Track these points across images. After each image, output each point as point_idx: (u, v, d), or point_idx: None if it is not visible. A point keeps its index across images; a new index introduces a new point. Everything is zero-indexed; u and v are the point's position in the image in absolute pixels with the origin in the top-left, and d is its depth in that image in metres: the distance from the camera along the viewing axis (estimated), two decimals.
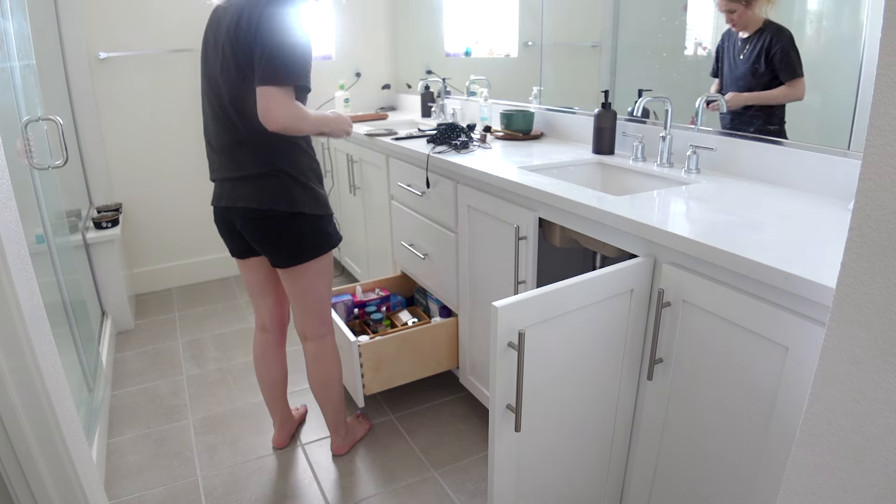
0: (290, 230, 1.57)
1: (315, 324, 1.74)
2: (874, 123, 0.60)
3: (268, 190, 1.53)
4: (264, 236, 1.58)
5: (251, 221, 1.57)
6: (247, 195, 1.54)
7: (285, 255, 1.61)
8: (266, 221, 1.56)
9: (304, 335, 1.76)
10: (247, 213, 1.56)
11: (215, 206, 1.65)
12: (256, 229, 1.58)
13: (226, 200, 1.59)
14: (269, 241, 1.59)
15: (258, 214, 1.55)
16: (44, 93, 2.13)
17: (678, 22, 1.77)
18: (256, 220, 1.56)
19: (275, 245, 1.60)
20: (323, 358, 1.77)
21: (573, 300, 1.15)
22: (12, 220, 1.16)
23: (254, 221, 1.57)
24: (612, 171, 1.86)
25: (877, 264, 0.62)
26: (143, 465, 1.90)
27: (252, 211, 1.55)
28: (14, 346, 1.13)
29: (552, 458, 1.27)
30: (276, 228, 1.56)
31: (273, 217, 1.55)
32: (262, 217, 1.55)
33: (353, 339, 1.93)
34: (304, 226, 1.58)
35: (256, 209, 1.54)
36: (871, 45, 1.29)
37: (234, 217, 1.60)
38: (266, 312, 1.82)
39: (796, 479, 0.75)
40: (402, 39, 3.51)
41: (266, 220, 1.55)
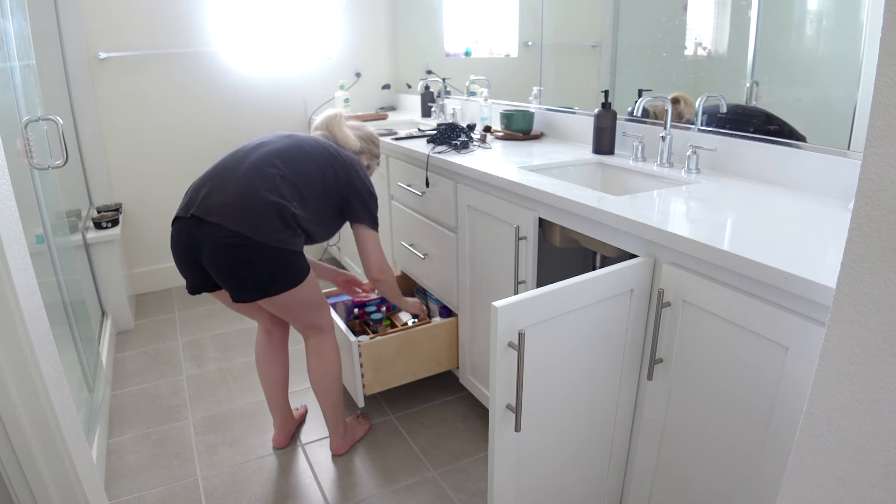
0: (261, 262, 1.49)
1: (312, 323, 1.75)
2: (874, 123, 0.60)
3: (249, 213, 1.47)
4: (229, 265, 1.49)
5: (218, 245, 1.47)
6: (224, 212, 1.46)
7: (251, 289, 1.53)
8: (234, 249, 1.46)
9: (305, 334, 1.78)
10: (220, 234, 1.46)
11: (177, 218, 1.53)
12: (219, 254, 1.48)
13: (196, 209, 1.48)
14: (235, 272, 1.50)
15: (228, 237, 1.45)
16: (44, 93, 2.13)
17: (678, 22, 1.77)
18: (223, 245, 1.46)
19: (239, 278, 1.51)
20: (323, 351, 1.78)
21: (573, 300, 1.15)
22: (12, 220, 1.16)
23: (220, 246, 1.47)
24: (612, 171, 1.86)
25: (877, 264, 0.62)
26: (143, 465, 1.90)
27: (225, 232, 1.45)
28: (14, 345, 1.13)
29: (552, 458, 1.27)
30: (245, 258, 1.48)
31: (242, 245, 1.46)
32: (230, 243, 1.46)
33: (353, 339, 1.93)
34: (276, 261, 1.51)
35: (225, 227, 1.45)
36: (871, 45, 1.29)
37: (200, 237, 1.49)
38: (265, 320, 1.83)
39: (796, 479, 0.75)
40: (402, 39, 3.51)
41: (234, 247, 1.46)
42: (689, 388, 1.19)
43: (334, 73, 3.46)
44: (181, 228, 1.53)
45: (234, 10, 3.07)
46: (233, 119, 3.25)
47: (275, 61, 3.29)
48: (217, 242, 1.47)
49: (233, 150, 1.66)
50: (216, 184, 1.53)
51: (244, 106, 3.26)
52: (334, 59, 3.46)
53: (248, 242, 1.47)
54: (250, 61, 3.22)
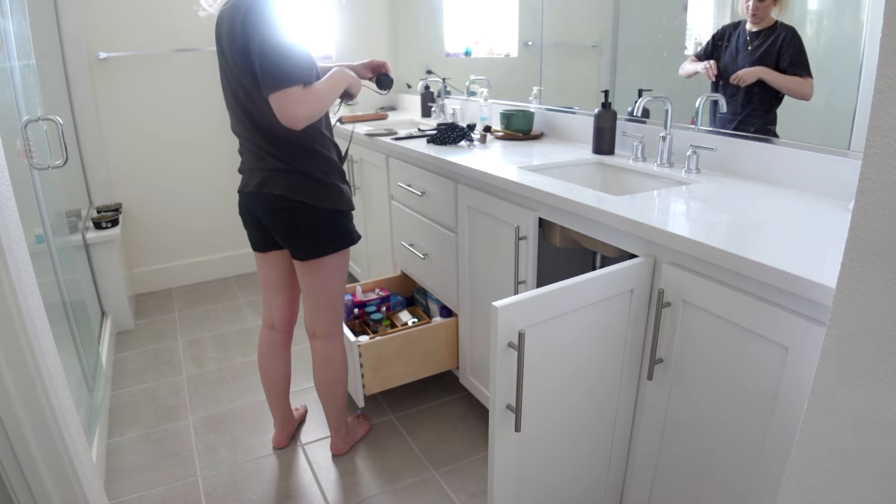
0: (311, 223, 1.58)
1: (326, 322, 1.74)
2: (874, 123, 0.60)
3: (293, 182, 1.54)
4: (286, 227, 1.59)
5: (275, 211, 1.57)
6: (271, 182, 1.55)
7: (305, 248, 1.62)
8: (289, 212, 1.56)
9: (314, 333, 1.76)
10: (270, 201, 1.56)
11: (240, 193, 1.65)
12: (279, 218, 1.58)
13: (251, 187, 1.59)
14: (291, 231, 1.60)
15: (282, 203, 1.55)
16: (44, 93, 2.13)
17: (678, 22, 1.77)
18: (279, 210, 1.57)
19: (295, 236, 1.60)
20: (331, 358, 1.77)
21: (573, 300, 1.15)
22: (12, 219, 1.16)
23: (277, 211, 1.57)
24: (612, 171, 1.86)
25: (877, 264, 0.62)
26: (142, 465, 1.89)
27: (276, 199, 1.55)
28: (14, 345, 1.13)
29: (552, 458, 1.27)
30: (297, 220, 1.57)
31: (295, 208, 1.56)
32: (285, 206, 1.56)
33: (354, 339, 1.93)
34: (325, 220, 1.59)
35: (281, 196, 1.54)
36: (872, 44, 1.29)
37: (257, 205, 1.60)
38: (276, 310, 1.82)
39: (796, 479, 0.75)
40: (402, 39, 3.51)
41: (289, 211, 1.56)
42: (689, 389, 1.19)
43: None
44: (243, 198, 1.66)
45: None
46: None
47: None
48: (269, 208, 1.58)
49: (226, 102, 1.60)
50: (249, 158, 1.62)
51: None
52: (334, 58, 3.45)
53: (295, 205, 1.55)
54: None
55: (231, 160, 3.28)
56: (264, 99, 1.41)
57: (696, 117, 1.71)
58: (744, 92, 1.60)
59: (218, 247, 3.41)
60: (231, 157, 3.27)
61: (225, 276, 3.47)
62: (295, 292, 1.82)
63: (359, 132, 2.61)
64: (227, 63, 1.50)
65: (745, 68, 1.59)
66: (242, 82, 1.47)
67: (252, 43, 1.36)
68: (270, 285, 1.79)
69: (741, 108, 1.62)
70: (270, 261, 1.75)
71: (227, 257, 3.44)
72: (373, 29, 3.50)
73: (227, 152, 3.26)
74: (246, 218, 1.69)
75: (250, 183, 1.60)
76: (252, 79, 1.43)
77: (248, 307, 3.05)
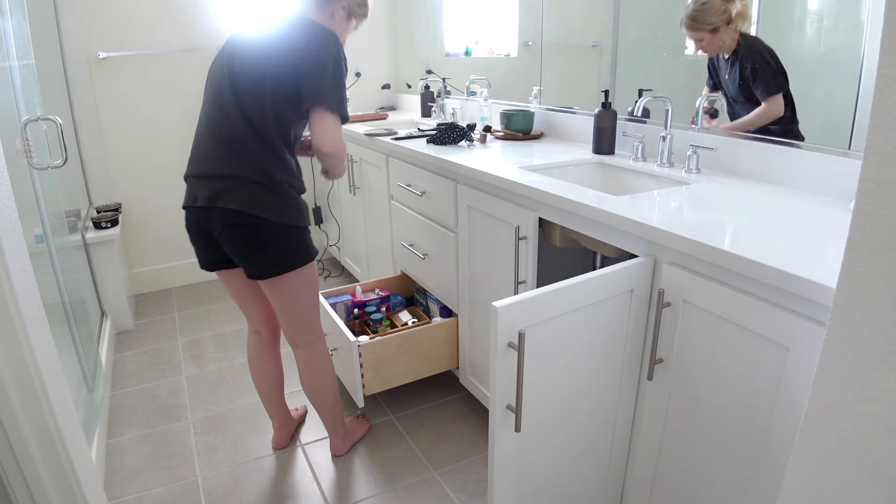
0: (271, 240, 1.52)
1: (303, 333, 1.72)
2: (875, 123, 0.60)
3: (252, 195, 1.49)
4: (243, 245, 1.52)
5: (231, 227, 1.50)
6: (225, 196, 1.49)
7: (263, 266, 1.56)
8: (247, 228, 1.50)
9: (294, 343, 1.74)
10: (227, 217, 1.50)
11: (188, 208, 1.57)
12: (235, 235, 1.51)
13: (202, 201, 1.52)
14: (248, 250, 1.53)
15: (240, 219, 1.49)
16: (43, 93, 2.13)
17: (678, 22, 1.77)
18: (236, 226, 1.50)
19: (252, 255, 1.54)
20: (313, 364, 1.76)
21: (573, 300, 1.15)
22: (12, 220, 1.16)
23: (234, 227, 1.50)
24: (613, 171, 1.86)
25: (877, 264, 0.62)
26: (142, 465, 1.89)
27: (233, 214, 1.49)
28: (13, 345, 1.13)
29: (552, 459, 1.27)
30: (255, 236, 1.51)
31: (253, 224, 1.49)
32: (242, 223, 1.49)
33: (353, 340, 1.93)
34: (285, 236, 1.54)
35: (237, 211, 1.48)
36: (872, 44, 1.29)
37: (211, 221, 1.53)
38: (256, 318, 1.80)
39: (797, 479, 0.75)
40: (402, 39, 3.51)
41: (247, 227, 1.50)
42: (689, 389, 1.19)
43: None
44: (192, 213, 1.58)
45: (234, 10, 3.07)
46: None
47: None
48: (225, 223, 1.51)
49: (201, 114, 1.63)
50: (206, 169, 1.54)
51: None
52: None
53: (254, 220, 1.50)
54: None
55: None
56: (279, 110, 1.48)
57: (697, 117, 1.71)
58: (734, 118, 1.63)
59: None
60: None
61: None
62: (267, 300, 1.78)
63: (359, 132, 2.61)
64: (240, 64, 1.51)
65: (724, 126, 1.63)
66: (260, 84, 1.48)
67: (312, 61, 1.47)
68: (239, 299, 1.76)
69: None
70: (231, 277, 1.70)
71: None
72: (373, 29, 3.50)
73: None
74: (194, 235, 1.60)
75: (199, 196, 1.52)
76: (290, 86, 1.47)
77: None
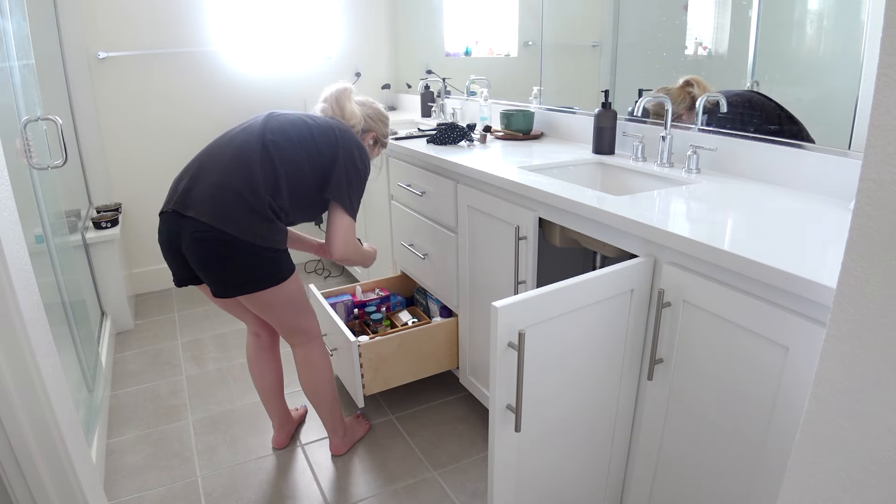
0: (238, 257, 1.46)
1: (297, 336, 1.72)
2: (875, 123, 0.60)
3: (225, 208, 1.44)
4: (206, 260, 1.47)
5: (197, 240, 1.45)
6: (198, 204, 1.45)
7: (227, 285, 1.50)
8: (210, 243, 1.44)
9: (291, 343, 1.76)
10: (196, 228, 1.44)
11: (161, 213, 1.53)
12: (199, 249, 1.46)
13: (175, 204, 1.48)
14: (212, 266, 1.48)
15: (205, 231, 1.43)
16: (43, 93, 2.13)
17: (678, 22, 1.77)
18: (201, 240, 1.44)
19: (217, 272, 1.49)
20: (310, 362, 1.76)
21: (573, 300, 1.15)
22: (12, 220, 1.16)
23: (198, 241, 1.45)
24: (613, 171, 1.86)
25: (877, 264, 0.62)
26: (142, 465, 1.89)
27: (201, 226, 1.43)
28: (13, 345, 1.13)
29: (552, 458, 1.27)
30: (222, 253, 1.45)
31: (219, 240, 1.44)
32: (207, 237, 1.44)
33: (353, 340, 1.93)
34: (253, 254, 1.48)
35: (201, 222, 1.43)
36: (872, 44, 1.29)
37: (180, 230, 1.48)
38: (252, 323, 1.80)
39: (797, 479, 0.75)
40: (402, 39, 3.51)
41: (210, 241, 1.44)
42: (689, 389, 1.19)
43: (334, 73, 3.46)
44: (165, 221, 1.53)
45: (234, 10, 3.07)
46: (233, 119, 3.24)
47: (275, 61, 3.28)
48: (194, 236, 1.45)
49: (219, 136, 1.62)
50: (195, 175, 1.52)
51: (244, 106, 3.26)
52: (334, 59, 3.46)
53: (224, 237, 1.44)
54: (250, 61, 3.22)
55: None
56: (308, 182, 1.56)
57: (697, 117, 1.71)
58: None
59: None
60: None
61: None
62: None
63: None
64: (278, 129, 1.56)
65: None
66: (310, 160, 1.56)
67: (345, 162, 1.59)
68: (228, 309, 1.74)
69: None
70: (208, 292, 1.62)
71: None
72: (373, 29, 3.50)
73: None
74: (165, 248, 1.56)
75: (173, 199, 1.49)
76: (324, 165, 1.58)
77: None
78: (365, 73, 3.54)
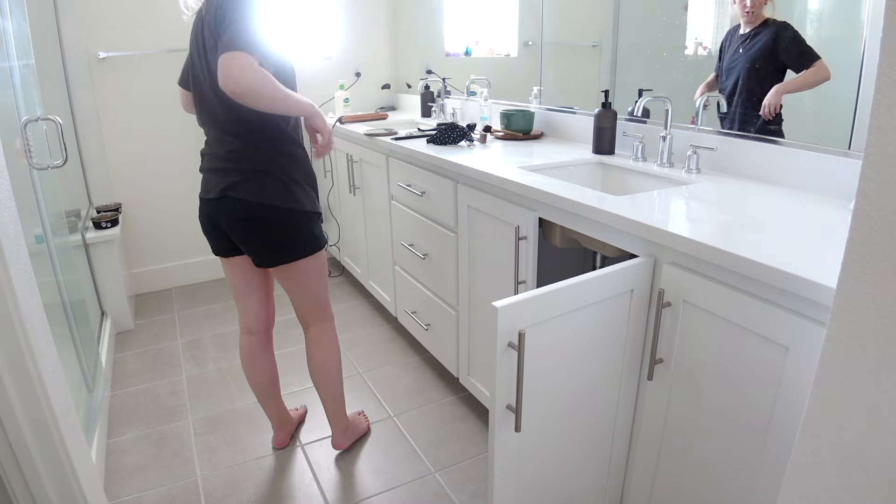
0: (279, 228, 1.53)
1: (314, 313, 1.75)
2: (875, 123, 0.60)
3: (259, 184, 1.49)
4: (251, 234, 1.54)
5: (239, 220, 1.52)
6: (236, 187, 1.50)
7: (273, 254, 1.58)
8: (255, 221, 1.52)
9: (305, 323, 1.77)
10: (235, 207, 1.51)
11: (202, 199, 1.60)
12: (243, 227, 1.53)
13: (213, 192, 1.54)
14: (257, 239, 1.55)
15: (248, 210, 1.50)
16: (43, 93, 2.13)
17: (678, 22, 1.77)
18: (244, 219, 1.52)
19: (261, 243, 1.56)
20: (323, 342, 1.78)
21: (573, 300, 1.15)
22: (12, 219, 1.16)
23: (241, 220, 1.52)
24: (613, 171, 1.86)
25: (877, 264, 0.62)
26: (142, 465, 1.89)
27: (240, 204, 1.50)
28: (13, 346, 1.13)
29: (552, 458, 1.27)
30: (264, 226, 1.52)
31: (261, 214, 1.51)
32: (251, 216, 1.51)
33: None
34: (294, 223, 1.55)
35: (245, 201, 1.49)
36: (872, 44, 1.29)
37: (220, 212, 1.55)
38: (250, 314, 1.78)
39: (796, 479, 0.75)
40: (402, 39, 3.50)
41: (255, 219, 1.51)
42: (689, 389, 1.19)
43: (334, 73, 3.46)
44: (206, 207, 1.60)
45: None
46: None
47: None
48: (234, 215, 1.52)
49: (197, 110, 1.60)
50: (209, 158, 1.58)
51: None
52: (334, 59, 3.46)
53: (262, 208, 1.50)
54: None
55: None
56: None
57: (697, 117, 1.71)
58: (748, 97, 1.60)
59: None
60: None
61: (225, 277, 3.46)
62: (267, 294, 1.79)
63: (358, 132, 2.61)
64: (203, 49, 1.48)
65: (773, 89, 1.53)
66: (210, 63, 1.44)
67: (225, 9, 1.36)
68: (239, 289, 1.76)
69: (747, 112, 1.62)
70: (236, 265, 1.71)
71: None
72: (373, 29, 3.50)
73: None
74: (205, 222, 1.63)
75: (213, 189, 1.54)
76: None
77: None
78: (365, 73, 3.54)
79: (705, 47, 1.71)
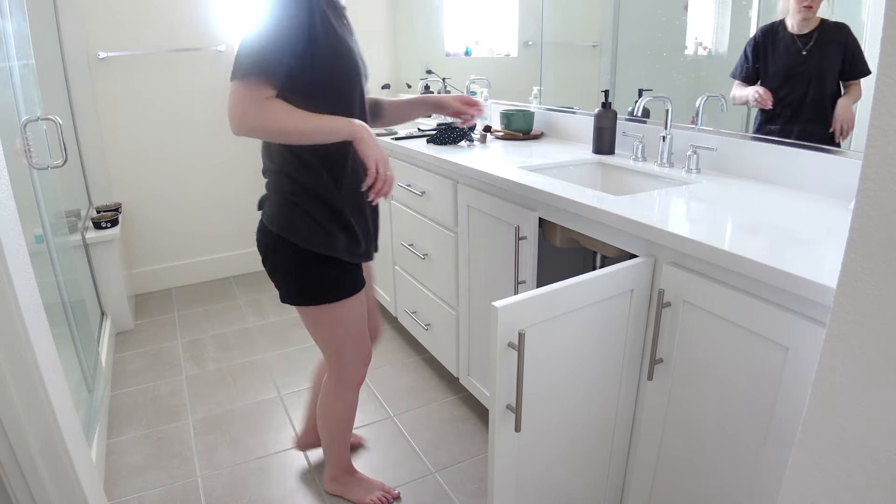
0: (279, 259, 1.35)
1: (328, 362, 1.53)
2: (875, 123, 0.60)
3: (272, 204, 1.34)
4: (263, 258, 1.40)
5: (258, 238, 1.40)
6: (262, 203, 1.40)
7: (280, 289, 1.40)
8: (262, 240, 1.38)
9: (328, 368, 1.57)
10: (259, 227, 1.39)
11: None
12: (259, 246, 1.40)
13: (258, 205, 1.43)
14: (266, 265, 1.40)
15: (259, 234, 1.38)
16: (43, 92, 2.13)
17: (678, 22, 1.77)
18: (257, 241, 1.40)
19: (269, 271, 1.40)
20: (325, 394, 1.59)
21: (573, 300, 1.15)
22: (11, 219, 1.16)
23: (259, 239, 1.39)
24: (613, 170, 1.86)
25: (877, 264, 0.62)
26: (142, 465, 1.89)
27: (260, 224, 1.38)
28: (14, 346, 1.13)
29: (552, 459, 1.27)
30: (269, 253, 1.37)
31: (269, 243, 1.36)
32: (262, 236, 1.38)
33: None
34: (293, 260, 1.33)
35: (261, 222, 1.37)
36: (872, 44, 1.29)
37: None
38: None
39: (796, 479, 0.75)
40: (401, 39, 3.50)
41: (263, 240, 1.37)
42: (689, 389, 1.19)
43: None
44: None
45: (234, 10, 3.07)
46: None
47: None
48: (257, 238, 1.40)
49: None
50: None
51: None
52: None
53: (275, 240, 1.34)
54: None
55: (230, 159, 3.28)
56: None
57: (697, 117, 1.71)
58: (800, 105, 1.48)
59: (218, 247, 3.41)
60: (231, 157, 3.27)
61: (225, 276, 3.46)
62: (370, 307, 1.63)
63: None
64: None
65: (841, 102, 1.38)
66: None
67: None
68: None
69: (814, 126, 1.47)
70: None
71: (227, 257, 3.44)
72: (373, 29, 3.50)
73: (227, 152, 3.26)
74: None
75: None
76: None
77: (247, 307, 3.05)
78: None
79: (705, 47, 1.71)
